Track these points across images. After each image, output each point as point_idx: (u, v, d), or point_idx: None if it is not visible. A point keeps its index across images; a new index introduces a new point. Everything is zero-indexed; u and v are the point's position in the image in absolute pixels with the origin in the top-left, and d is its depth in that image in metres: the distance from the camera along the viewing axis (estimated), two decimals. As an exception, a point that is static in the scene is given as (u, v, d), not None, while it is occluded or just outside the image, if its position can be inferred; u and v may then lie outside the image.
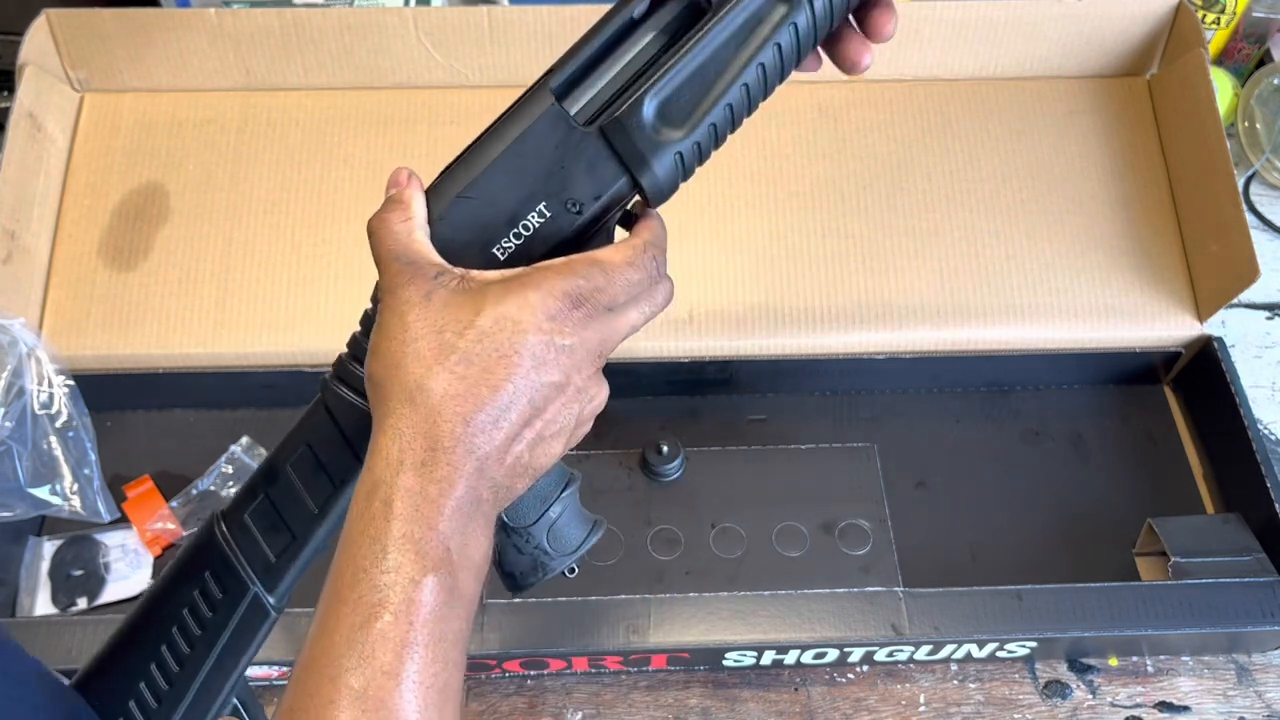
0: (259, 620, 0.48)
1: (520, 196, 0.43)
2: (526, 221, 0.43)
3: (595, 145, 0.42)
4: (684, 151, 0.43)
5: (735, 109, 0.43)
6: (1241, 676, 0.74)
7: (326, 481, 0.46)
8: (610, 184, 0.43)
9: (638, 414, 0.85)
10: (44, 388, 0.77)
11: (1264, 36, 1.02)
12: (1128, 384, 0.87)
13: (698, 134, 0.43)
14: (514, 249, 0.44)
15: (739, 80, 0.43)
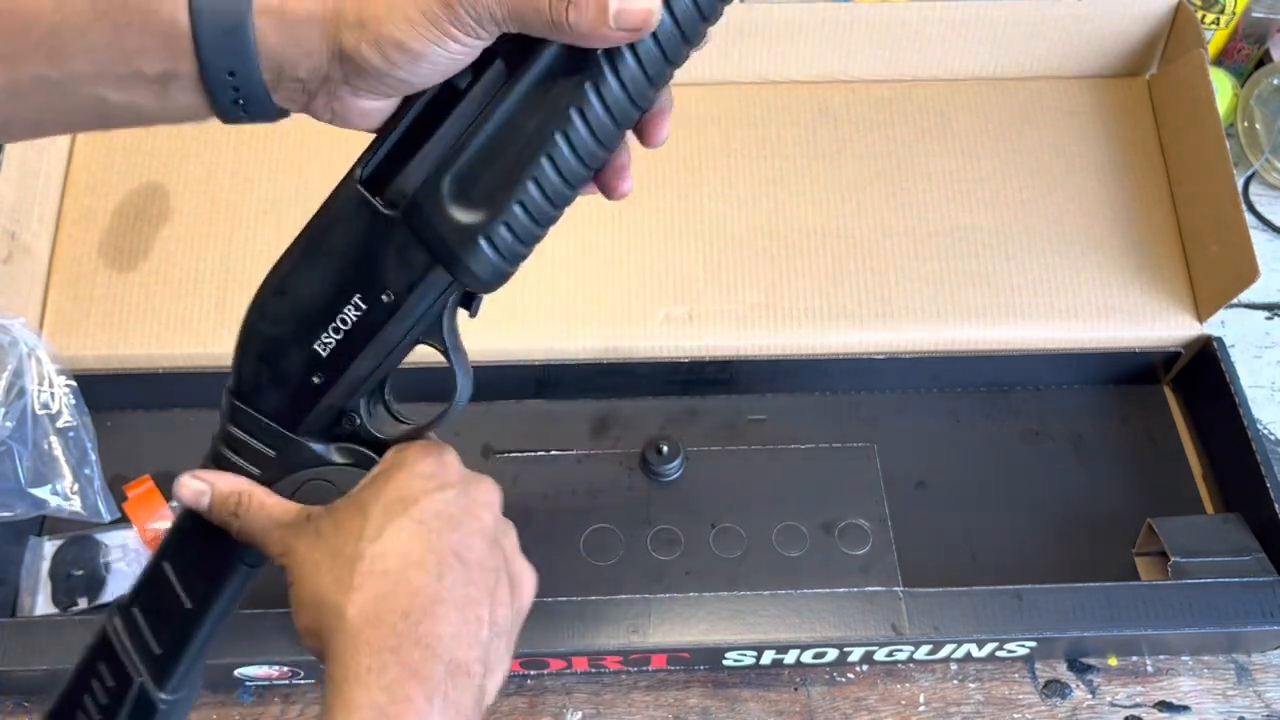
0: (147, 713, 0.47)
1: (331, 289, 0.41)
2: (344, 315, 0.41)
3: (402, 232, 0.39)
4: (493, 235, 0.39)
5: (546, 186, 0.39)
6: (1241, 676, 0.74)
7: (200, 578, 0.46)
8: (422, 272, 0.40)
9: (638, 414, 0.85)
10: (44, 388, 0.77)
11: (1263, 37, 1.02)
12: (1127, 384, 0.87)
13: (506, 215, 0.39)
14: (334, 344, 0.42)
15: (542, 152, 0.38)
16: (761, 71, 0.90)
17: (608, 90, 0.37)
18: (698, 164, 0.86)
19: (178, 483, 0.44)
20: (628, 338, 0.81)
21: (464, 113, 0.39)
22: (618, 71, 0.37)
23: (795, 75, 0.91)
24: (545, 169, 0.39)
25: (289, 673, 0.69)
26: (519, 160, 0.38)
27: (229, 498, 0.44)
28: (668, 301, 0.82)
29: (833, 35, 0.88)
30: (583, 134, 0.38)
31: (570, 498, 0.75)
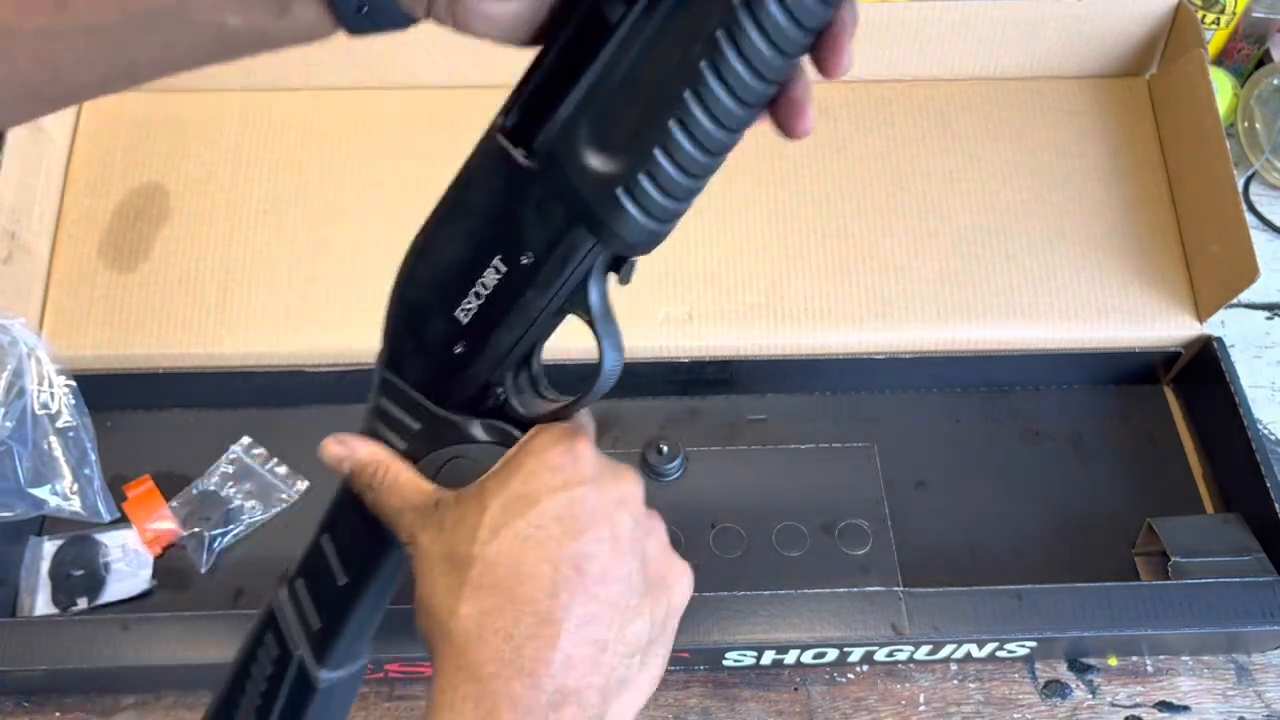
0: (305, 690, 0.45)
1: (470, 251, 0.38)
2: (484, 279, 0.38)
3: (541, 186, 0.35)
4: (635, 188, 0.34)
5: (694, 128, 0.33)
6: (1241, 676, 0.74)
7: (355, 554, 0.44)
8: (563, 232, 0.36)
9: (638, 414, 0.85)
10: (44, 388, 0.77)
11: (1264, 36, 1.02)
12: (1127, 384, 0.87)
13: (648, 163, 0.34)
14: (475, 310, 0.39)
15: (686, 87, 0.32)
16: (761, 71, 0.90)
17: (761, 7, 0.31)
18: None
19: (323, 444, 0.41)
20: (628, 337, 0.80)
21: (613, 48, 0.33)
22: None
23: (795, 75, 0.91)
24: (691, 108, 0.32)
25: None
26: (661, 98, 0.32)
27: (366, 467, 0.40)
28: (668, 301, 0.82)
29: (833, 35, 0.88)
30: (734, 64, 0.31)
31: (570, 498, 0.75)
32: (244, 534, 0.77)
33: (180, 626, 0.67)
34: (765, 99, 0.34)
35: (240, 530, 0.77)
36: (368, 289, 0.82)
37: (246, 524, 0.77)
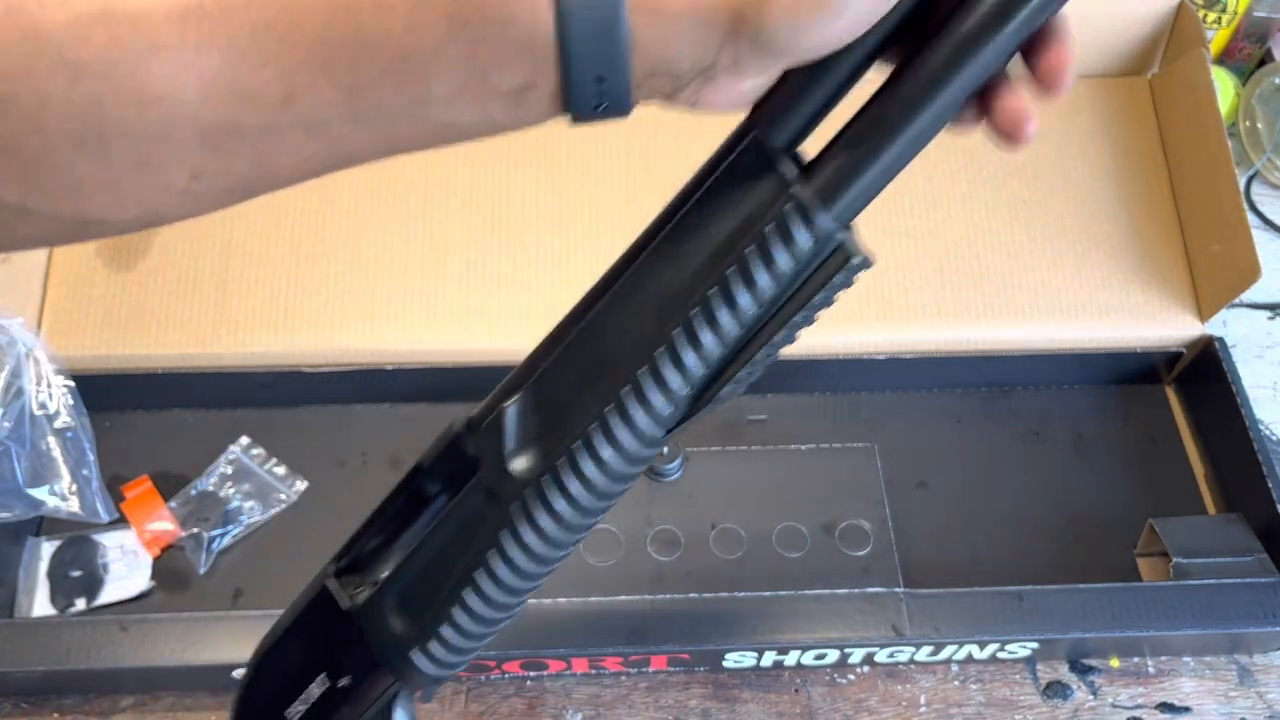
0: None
1: (302, 666, 0.43)
2: (309, 691, 0.43)
3: (355, 630, 0.41)
4: (425, 649, 0.39)
5: (476, 611, 0.38)
6: (1243, 677, 0.74)
7: None
8: (369, 668, 0.41)
9: (638, 414, 0.85)
10: (42, 388, 0.77)
11: (1265, 36, 1.02)
12: (1129, 384, 0.87)
13: (436, 634, 0.39)
14: (301, 714, 0.44)
15: (467, 584, 0.38)
16: (762, 71, 0.90)
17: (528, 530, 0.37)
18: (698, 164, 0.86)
19: None
20: (627, 338, 0.81)
21: (418, 526, 0.41)
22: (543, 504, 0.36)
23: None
24: (471, 601, 0.38)
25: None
26: (451, 582, 0.39)
27: None
28: (668, 301, 0.81)
29: (833, 34, 0.88)
30: (502, 573, 0.38)
31: (570, 498, 0.75)
32: (243, 534, 0.77)
33: (179, 627, 0.67)
34: (540, 580, 0.40)
35: (239, 531, 0.77)
36: (367, 289, 0.82)
37: (245, 524, 0.77)
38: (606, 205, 0.84)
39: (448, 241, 0.83)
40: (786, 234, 0.33)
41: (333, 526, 0.80)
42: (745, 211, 0.35)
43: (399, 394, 0.84)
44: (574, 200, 0.85)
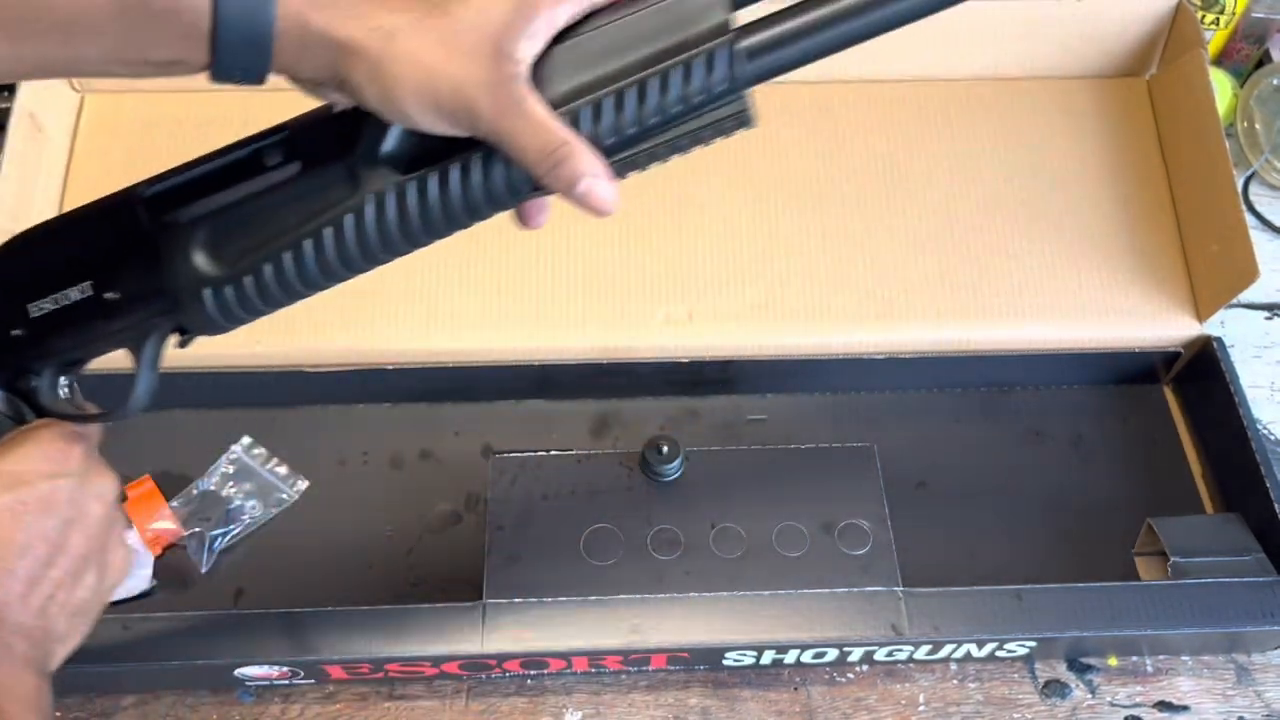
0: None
1: (68, 265, 0.44)
2: (67, 292, 0.44)
3: (149, 253, 0.42)
4: (220, 292, 0.42)
5: (286, 273, 0.42)
6: (1241, 676, 0.74)
7: None
8: (149, 294, 0.43)
9: (638, 414, 0.85)
10: (44, 388, 0.77)
11: (1263, 37, 1.02)
12: (1127, 384, 0.88)
13: (236, 281, 0.42)
14: (47, 312, 0.44)
15: (290, 245, 0.42)
16: (761, 71, 0.90)
17: (371, 216, 0.42)
18: (698, 164, 0.86)
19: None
20: (628, 338, 0.81)
21: (255, 188, 0.43)
22: (381, 205, 0.41)
23: (795, 75, 0.90)
24: (289, 261, 0.42)
25: (289, 673, 0.69)
26: (271, 243, 0.42)
27: None
28: (668, 301, 0.82)
29: (833, 35, 0.88)
30: (334, 248, 0.42)
31: (570, 498, 0.75)
32: (244, 534, 0.77)
33: (181, 626, 0.67)
34: (344, 277, 0.44)
35: (241, 530, 0.77)
36: (368, 290, 0.81)
37: (247, 524, 0.78)
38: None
39: (448, 242, 0.83)
40: (710, 67, 0.39)
41: (334, 526, 0.81)
42: (685, 36, 0.39)
43: (400, 394, 0.85)
44: (574, 201, 0.85)
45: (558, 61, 0.40)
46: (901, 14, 0.40)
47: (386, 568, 0.77)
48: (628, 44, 0.39)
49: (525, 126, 0.38)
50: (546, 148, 0.39)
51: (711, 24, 0.39)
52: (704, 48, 0.39)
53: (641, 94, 0.39)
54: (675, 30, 0.39)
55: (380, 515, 0.79)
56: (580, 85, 0.40)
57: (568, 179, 0.40)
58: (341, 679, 0.71)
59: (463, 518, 0.80)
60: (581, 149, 0.39)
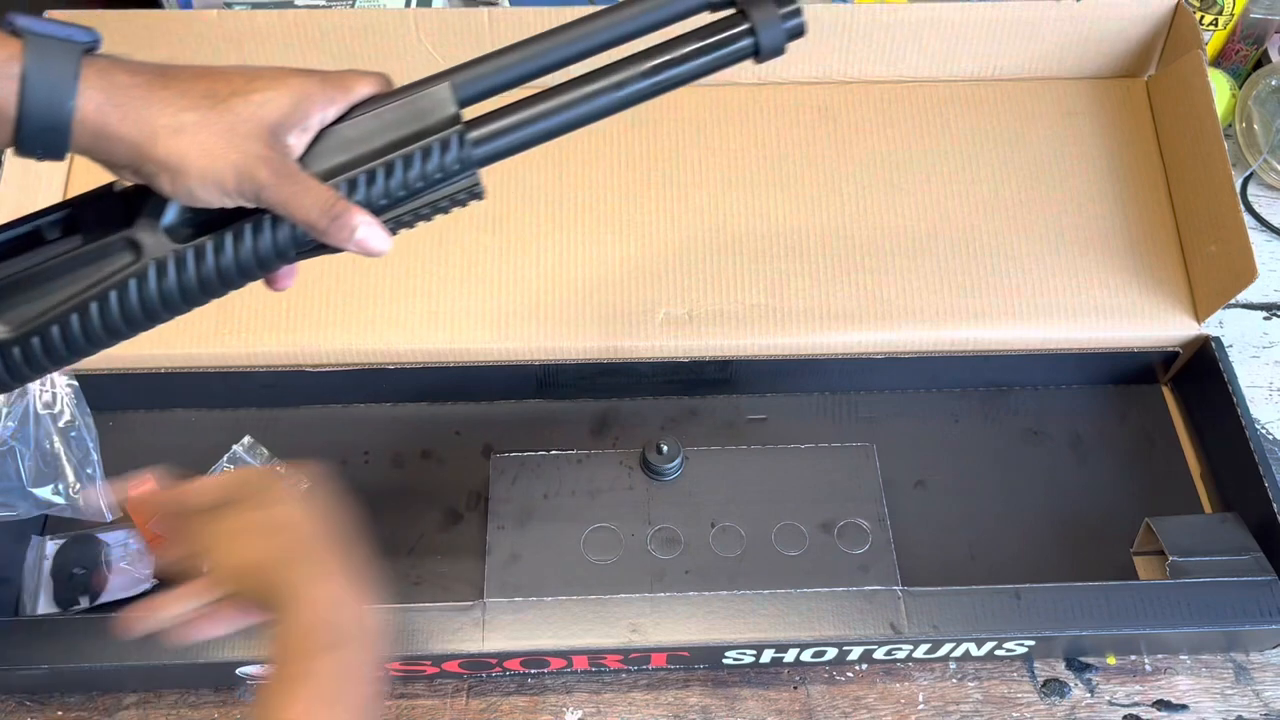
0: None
1: None
2: None
3: None
4: (10, 352, 0.46)
5: (72, 333, 0.46)
6: (1239, 675, 0.75)
7: None
8: None
9: (638, 414, 0.85)
10: (46, 388, 0.77)
11: (1261, 37, 1.03)
12: (1126, 384, 0.88)
13: (25, 342, 0.46)
14: None
15: (76, 309, 0.46)
16: (761, 72, 0.90)
17: (153, 281, 0.47)
18: (698, 164, 0.87)
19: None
20: (628, 338, 0.81)
21: (38, 254, 0.47)
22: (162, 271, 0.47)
23: (795, 75, 0.91)
24: (75, 323, 0.46)
25: (290, 671, 0.69)
26: (58, 304, 0.46)
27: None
28: (668, 301, 0.82)
29: (833, 35, 0.88)
30: (117, 310, 0.47)
31: (570, 498, 0.75)
32: (245, 533, 0.78)
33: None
34: (134, 332, 0.50)
35: (242, 530, 0.77)
36: (369, 290, 0.82)
37: (248, 523, 0.78)
38: (606, 205, 0.85)
39: (448, 242, 0.83)
40: (444, 150, 0.48)
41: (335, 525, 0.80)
42: (424, 125, 0.48)
43: (400, 394, 0.85)
44: (574, 201, 0.85)
45: (325, 145, 0.47)
46: (594, 113, 0.49)
47: (388, 566, 0.77)
48: (380, 131, 0.48)
49: (304, 191, 0.45)
50: (325, 206, 0.46)
51: (444, 115, 0.48)
52: (439, 135, 0.48)
53: (389, 172, 0.48)
54: (417, 121, 0.48)
55: (381, 514, 0.79)
56: (342, 163, 0.47)
57: (348, 230, 0.46)
58: (342, 678, 0.71)
59: (463, 517, 0.80)
60: (353, 206, 0.47)
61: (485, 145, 0.49)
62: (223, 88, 0.45)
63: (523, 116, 0.49)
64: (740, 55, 0.49)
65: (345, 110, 0.48)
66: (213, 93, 0.45)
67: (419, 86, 0.49)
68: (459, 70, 0.49)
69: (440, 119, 0.48)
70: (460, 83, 0.49)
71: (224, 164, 0.44)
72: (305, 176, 0.46)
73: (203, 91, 0.44)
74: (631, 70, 0.49)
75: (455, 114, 0.48)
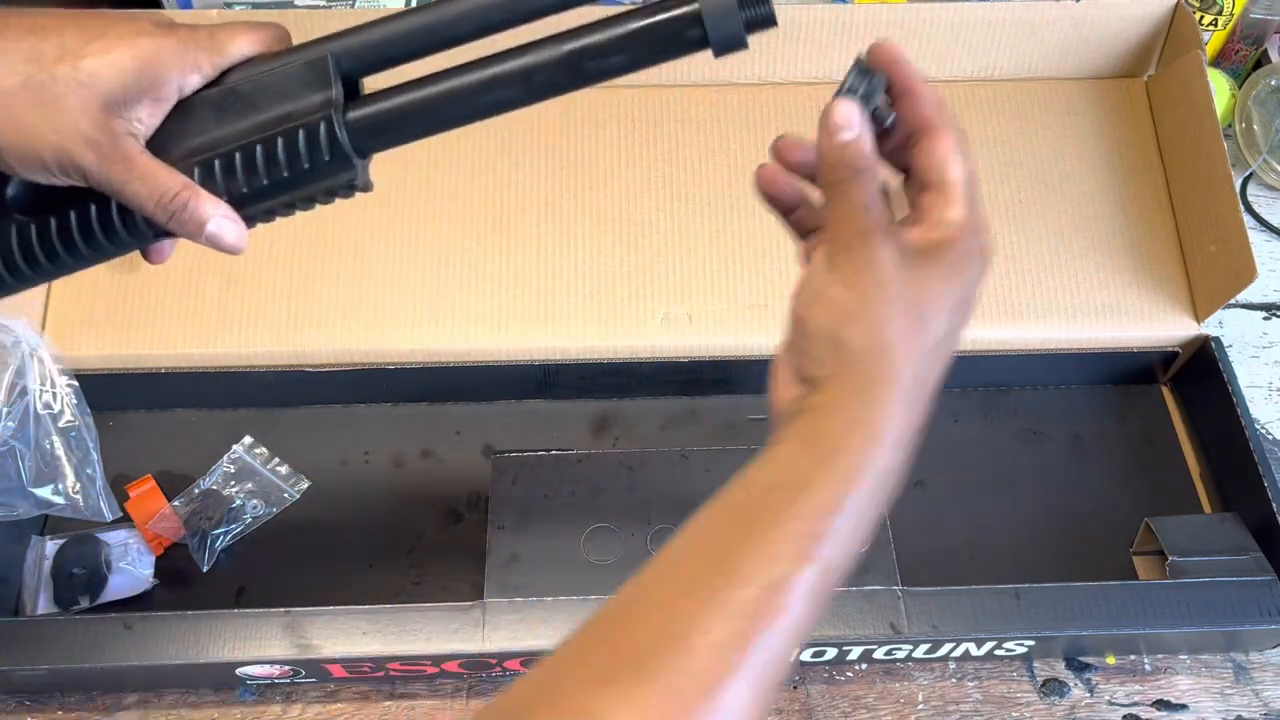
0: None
1: None
2: None
3: None
4: None
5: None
6: (1239, 675, 0.75)
7: None
8: None
9: (638, 414, 0.85)
10: (47, 388, 0.77)
11: (1261, 38, 1.03)
12: (1125, 384, 0.88)
13: None
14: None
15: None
16: (761, 73, 0.90)
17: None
18: (698, 164, 0.87)
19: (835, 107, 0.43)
20: (628, 338, 0.81)
21: None
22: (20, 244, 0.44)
23: (795, 76, 0.91)
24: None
25: (290, 672, 0.70)
26: None
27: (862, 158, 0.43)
28: (668, 301, 0.82)
29: (833, 36, 0.88)
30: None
31: (570, 498, 0.75)
32: (245, 533, 0.78)
33: (182, 625, 0.67)
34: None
35: (242, 530, 0.77)
36: (369, 290, 0.82)
37: (248, 523, 0.78)
38: (606, 205, 0.85)
39: (448, 242, 0.83)
40: (313, 141, 0.41)
41: (335, 525, 0.81)
42: (293, 106, 0.41)
43: (400, 393, 0.85)
44: (574, 201, 0.85)
45: (184, 119, 0.41)
46: (499, 103, 0.42)
47: (388, 566, 0.77)
48: (248, 106, 0.41)
49: (138, 179, 0.40)
50: (163, 197, 0.41)
51: (317, 96, 0.41)
52: (304, 121, 0.41)
53: (249, 159, 0.42)
54: (286, 98, 0.41)
55: (381, 514, 0.80)
56: (200, 144, 0.42)
57: (193, 223, 0.42)
58: (342, 678, 0.71)
59: (463, 517, 0.80)
60: (203, 195, 0.41)
61: (365, 133, 0.42)
62: (51, 49, 0.39)
63: (410, 99, 0.42)
64: (686, 46, 0.41)
65: (216, 75, 0.41)
66: (38, 55, 0.39)
67: (300, 52, 0.42)
68: (344, 36, 0.42)
69: (313, 100, 0.41)
70: (342, 53, 0.42)
71: (41, 144, 0.39)
72: (143, 161, 0.41)
73: (27, 53, 0.38)
74: (548, 53, 0.41)
75: (327, 96, 0.41)
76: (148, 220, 0.43)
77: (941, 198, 0.41)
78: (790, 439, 0.42)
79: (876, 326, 0.41)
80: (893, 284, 0.40)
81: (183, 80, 0.41)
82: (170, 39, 0.40)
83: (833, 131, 0.42)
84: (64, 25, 0.39)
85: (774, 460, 0.42)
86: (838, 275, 0.41)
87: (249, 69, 0.42)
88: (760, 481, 0.41)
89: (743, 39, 0.41)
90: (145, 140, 0.42)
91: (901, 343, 0.41)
